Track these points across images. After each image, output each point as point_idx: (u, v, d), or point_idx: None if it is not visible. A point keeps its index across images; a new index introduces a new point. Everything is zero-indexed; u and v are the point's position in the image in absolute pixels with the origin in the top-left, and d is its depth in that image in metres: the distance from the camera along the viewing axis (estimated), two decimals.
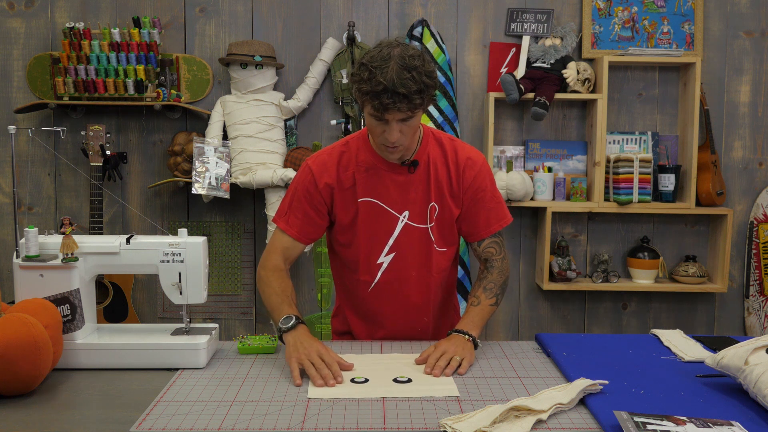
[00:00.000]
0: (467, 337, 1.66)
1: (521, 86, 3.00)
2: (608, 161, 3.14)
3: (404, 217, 1.78)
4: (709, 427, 1.19)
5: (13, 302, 1.55)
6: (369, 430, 1.25)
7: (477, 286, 1.82)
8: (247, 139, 3.02)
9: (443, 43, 3.13)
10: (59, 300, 1.57)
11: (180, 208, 3.25)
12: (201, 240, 1.64)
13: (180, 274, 1.62)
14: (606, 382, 1.43)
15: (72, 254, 1.57)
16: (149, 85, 3.03)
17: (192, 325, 1.68)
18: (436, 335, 1.90)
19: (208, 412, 1.32)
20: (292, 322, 1.64)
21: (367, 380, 1.49)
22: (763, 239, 3.21)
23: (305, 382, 1.48)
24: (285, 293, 1.75)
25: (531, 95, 3.05)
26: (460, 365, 1.56)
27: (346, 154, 1.79)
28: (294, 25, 3.18)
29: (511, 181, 3.04)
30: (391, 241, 1.79)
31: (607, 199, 3.15)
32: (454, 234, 1.84)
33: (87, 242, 1.60)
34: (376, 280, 1.83)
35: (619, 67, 3.20)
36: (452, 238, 1.84)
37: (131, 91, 3.03)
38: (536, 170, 3.15)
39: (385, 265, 1.81)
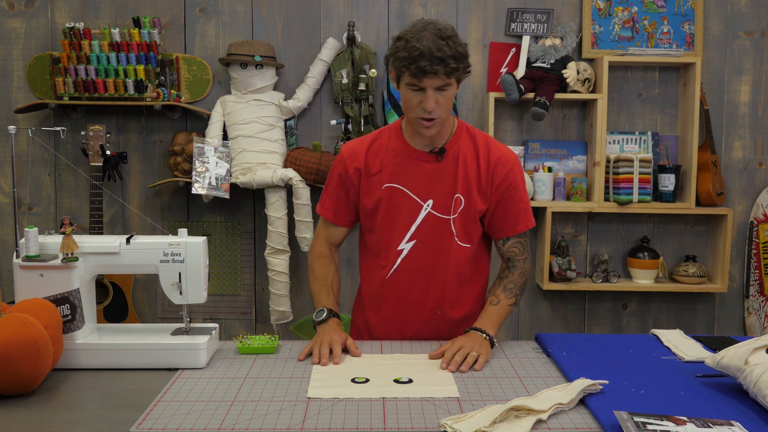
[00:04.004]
0: (484, 335, 1.67)
1: (521, 86, 2.99)
2: (608, 161, 3.14)
3: (428, 205, 1.80)
4: (709, 427, 1.19)
5: (13, 302, 1.55)
6: (369, 430, 1.25)
7: (497, 285, 1.85)
8: (247, 139, 3.01)
9: None
10: (59, 300, 1.57)
11: (180, 208, 3.25)
12: (201, 240, 1.64)
13: (180, 274, 1.62)
14: (606, 382, 1.43)
15: (72, 254, 1.57)
16: (149, 85, 3.03)
17: (192, 325, 1.69)
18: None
19: (208, 412, 1.32)
20: (324, 315, 1.78)
21: (367, 380, 1.49)
22: (763, 239, 3.21)
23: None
24: (326, 281, 1.89)
25: (531, 95, 3.05)
26: (476, 361, 1.58)
27: (377, 142, 1.85)
28: (294, 25, 3.18)
29: None
30: (413, 228, 1.81)
31: (607, 199, 3.15)
32: (478, 230, 1.84)
33: (87, 242, 1.61)
34: (395, 267, 1.84)
35: (619, 67, 3.20)
36: (475, 233, 1.84)
37: (131, 91, 3.02)
38: (536, 170, 3.15)
39: (405, 252, 1.83)
